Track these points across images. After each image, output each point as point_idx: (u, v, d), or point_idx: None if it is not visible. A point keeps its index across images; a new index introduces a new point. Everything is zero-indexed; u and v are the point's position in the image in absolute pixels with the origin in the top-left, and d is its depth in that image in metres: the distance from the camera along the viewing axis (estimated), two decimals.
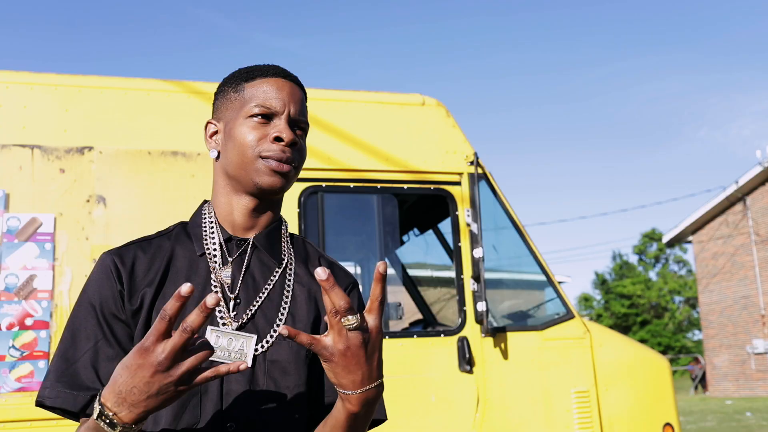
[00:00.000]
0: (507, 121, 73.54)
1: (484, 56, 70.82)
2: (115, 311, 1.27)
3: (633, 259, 46.54)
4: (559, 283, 4.10)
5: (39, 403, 1.24)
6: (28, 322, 3.24)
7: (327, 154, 3.85)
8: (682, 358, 38.16)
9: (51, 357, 3.21)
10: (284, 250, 1.41)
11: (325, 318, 1.27)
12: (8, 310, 3.23)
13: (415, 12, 68.48)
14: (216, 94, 1.43)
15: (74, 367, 1.23)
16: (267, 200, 1.38)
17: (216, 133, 1.41)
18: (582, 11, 66.66)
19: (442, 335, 3.82)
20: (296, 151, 1.34)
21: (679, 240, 26.41)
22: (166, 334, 1.03)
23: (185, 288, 1.00)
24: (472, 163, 4.01)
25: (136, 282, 1.29)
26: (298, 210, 3.73)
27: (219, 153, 1.39)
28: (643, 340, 40.11)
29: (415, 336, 3.82)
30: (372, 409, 1.20)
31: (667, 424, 4.05)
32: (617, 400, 3.99)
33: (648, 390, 4.09)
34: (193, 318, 1.01)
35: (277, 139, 1.32)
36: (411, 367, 3.72)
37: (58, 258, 3.34)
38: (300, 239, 1.48)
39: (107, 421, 1.05)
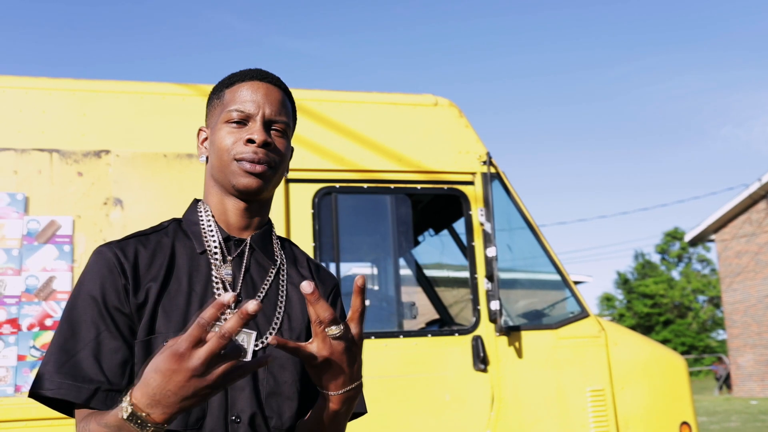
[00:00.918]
0: (527, 123, 73.28)
1: (503, 57, 70.63)
2: (118, 304, 1.28)
3: (655, 258, 46.14)
4: (580, 282, 4.11)
5: (34, 395, 1.24)
6: (48, 322, 3.30)
7: (340, 155, 3.88)
8: (706, 358, 37.75)
9: None
10: (276, 252, 1.46)
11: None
12: (29, 311, 3.29)
13: (431, 12, 68.46)
14: (206, 103, 1.49)
15: (76, 359, 1.24)
16: (256, 202, 1.42)
17: (206, 139, 1.46)
18: (599, 10, 66.25)
19: (457, 334, 3.83)
20: (272, 151, 1.37)
21: (701, 239, 26.15)
22: (202, 341, 1.02)
23: (227, 296, 1.00)
24: (485, 162, 4.03)
25: (140, 276, 1.32)
26: (312, 211, 3.77)
27: (207, 158, 1.45)
28: (666, 340, 39.77)
29: (429, 335, 3.84)
30: (352, 406, 1.27)
31: (684, 423, 4.03)
32: (633, 398, 3.98)
33: (664, 388, 4.07)
34: (232, 324, 1.01)
35: (250, 141, 1.35)
36: (425, 366, 3.74)
37: (76, 260, 3.40)
38: (287, 242, 1.53)
39: (139, 421, 1.05)
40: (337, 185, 3.86)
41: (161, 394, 1.02)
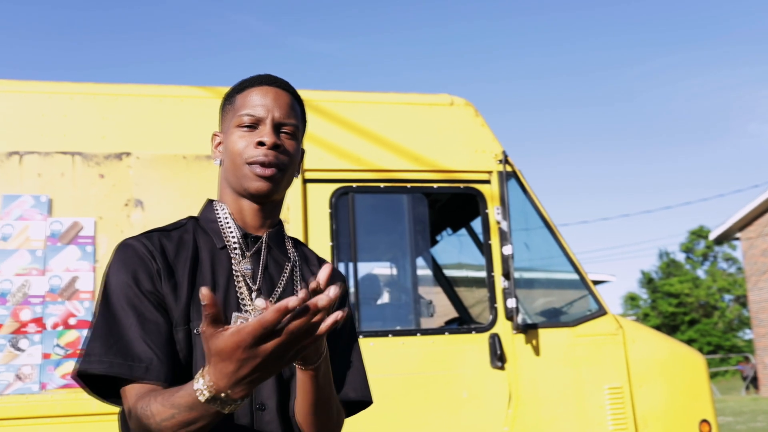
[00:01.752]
0: (550, 123, 72.88)
1: (526, 57, 70.31)
2: (151, 288, 1.34)
3: (680, 257, 45.66)
4: (603, 282, 4.12)
5: (82, 373, 1.29)
6: (72, 321, 3.37)
7: (357, 155, 3.92)
8: (733, 357, 37.28)
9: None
10: (289, 249, 1.53)
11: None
12: (53, 310, 3.37)
13: (450, 13, 68.34)
14: (219, 108, 1.56)
15: (123, 341, 1.28)
16: (269, 203, 1.48)
17: (220, 143, 1.53)
18: (619, 9, 65.73)
19: (474, 332, 3.85)
20: (282, 153, 1.43)
21: (726, 237, 25.84)
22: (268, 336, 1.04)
23: (293, 301, 1.00)
24: (501, 161, 4.04)
25: (168, 264, 1.38)
26: (329, 210, 3.81)
27: (221, 161, 1.51)
28: (691, 340, 39.34)
29: (446, 333, 3.86)
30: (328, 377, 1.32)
31: (704, 421, 4.01)
32: (652, 396, 3.97)
33: (683, 386, 4.06)
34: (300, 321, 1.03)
35: (260, 143, 1.42)
36: (443, 363, 3.76)
37: (98, 260, 3.47)
38: (297, 241, 1.59)
39: (219, 402, 1.09)
40: (354, 185, 3.89)
41: (240, 377, 1.06)
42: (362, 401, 1.51)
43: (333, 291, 1.03)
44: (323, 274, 1.12)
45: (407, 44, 71.14)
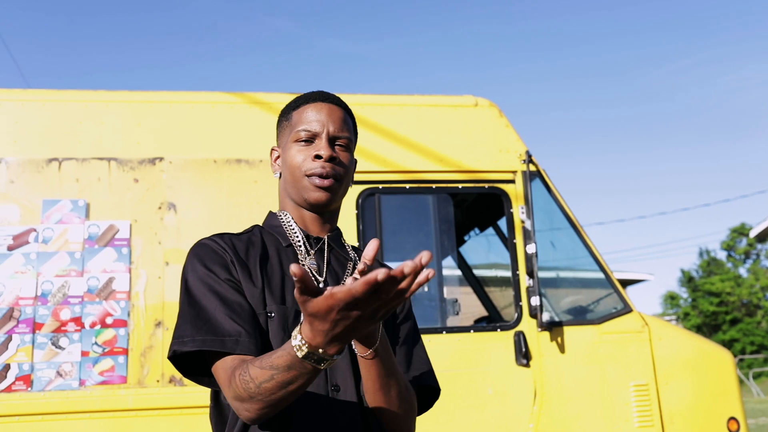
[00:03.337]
0: (588, 122, 72.05)
1: (566, 59, 69.69)
2: (228, 276, 1.44)
3: (721, 255, 44.81)
4: (641, 281, 4.14)
5: (177, 353, 1.38)
6: (109, 320, 3.51)
7: (383, 157, 4.00)
8: None
9: (130, 350, 3.47)
10: (349, 251, 1.64)
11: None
12: (91, 310, 3.51)
13: (489, 12, 68.07)
14: (276, 125, 1.68)
15: (211, 322, 1.38)
16: (327, 212, 1.60)
17: (278, 158, 1.64)
18: (653, 6, 64.73)
19: (499, 330, 3.90)
20: (337, 165, 1.55)
21: None
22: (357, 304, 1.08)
23: (382, 274, 1.04)
24: (524, 161, 4.09)
25: (240, 258, 1.49)
26: (356, 211, 3.89)
27: (281, 174, 1.62)
28: (734, 340, 38.60)
29: (471, 331, 3.92)
30: (386, 364, 1.37)
31: (732, 418, 4.00)
32: (678, 393, 3.97)
33: (711, 383, 4.05)
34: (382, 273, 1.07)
35: (317, 156, 1.53)
36: (468, 361, 3.82)
37: (133, 261, 3.61)
38: (354, 247, 1.70)
39: (315, 358, 1.16)
40: (380, 186, 3.97)
41: (336, 334, 1.12)
42: (433, 387, 1.59)
43: (425, 257, 1.06)
44: (370, 248, 1.19)
45: (438, 45, 71.04)
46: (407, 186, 4.02)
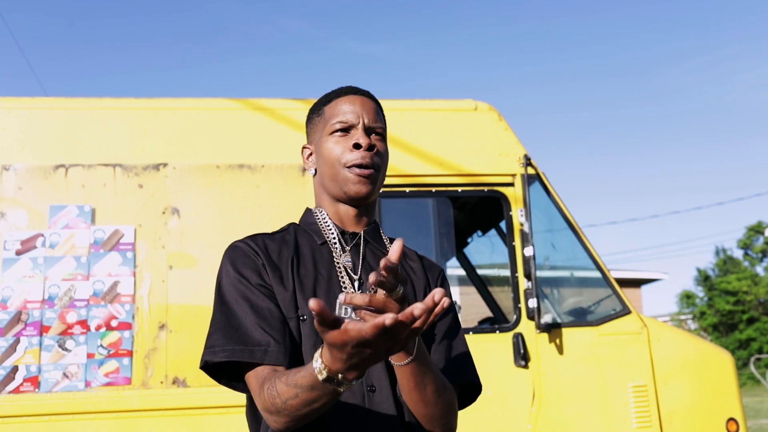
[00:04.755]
0: (601, 123, 71.70)
1: (583, 59, 69.42)
2: (260, 281, 1.45)
3: (737, 253, 44.46)
4: (656, 280, 4.17)
5: (208, 363, 1.40)
6: (114, 323, 3.59)
7: None
8: None
9: (134, 352, 3.55)
10: (387, 244, 1.63)
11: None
12: (96, 312, 3.60)
13: (502, 14, 67.92)
14: (306, 123, 1.69)
15: (241, 330, 1.39)
16: (364, 205, 1.59)
17: (311, 154, 1.64)
18: (666, 6, 64.31)
19: (498, 331, 3.95)
20: (376, 155, 1.54)
21: None
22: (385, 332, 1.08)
23: (389, 319, 1.04)
24: (523, 164, 4.13)
25: (273, 261, 1.49)
26: None
27: (315, 170, 1.62)
28: (751, 339, 38.30)
29: (470, 332, 3.96)
30: (421, 373, 1.36)
31: (731, 419, 4.02)
32: (676, 394, 4.00)
33: (710, 384, 4.08)
34: (417, 310, 1.08)
35: (356, 145, 1.52)
36: None
37: (138, 265, 3.69)
38: (389, 238, 1.68)
39: (335, 381, 1.17)
40: (381, 190, 4.02)
41: (356, 363, 1.13)
42: (473, 383, 1.59)
43: (438, 294, 1.07)
44: (395, 248, 1.19)
45: (453, 46, 70.93)
46: (407, 190, 4.08)
